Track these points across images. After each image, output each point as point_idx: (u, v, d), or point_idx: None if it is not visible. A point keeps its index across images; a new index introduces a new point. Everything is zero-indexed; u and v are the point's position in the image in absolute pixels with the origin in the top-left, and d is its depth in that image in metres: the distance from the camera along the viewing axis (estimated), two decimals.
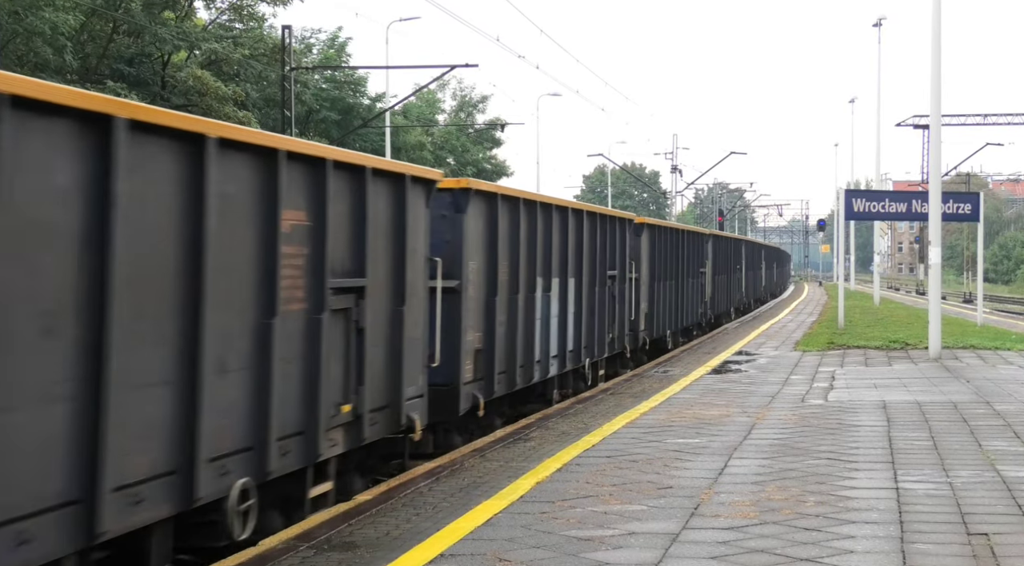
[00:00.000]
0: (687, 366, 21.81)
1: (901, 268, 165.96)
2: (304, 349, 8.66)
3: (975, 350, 24.75)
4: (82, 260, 6.27)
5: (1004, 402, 15.44)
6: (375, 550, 7.66)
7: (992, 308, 53.46)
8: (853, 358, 23.13)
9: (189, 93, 43.05)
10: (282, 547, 7.87)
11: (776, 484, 9.61)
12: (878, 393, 16.65)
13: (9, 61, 36.34)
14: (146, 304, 6.82)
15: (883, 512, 8.54)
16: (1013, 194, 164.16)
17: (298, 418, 8.58)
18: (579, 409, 15.54)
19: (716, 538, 7.77)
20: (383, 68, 52.98)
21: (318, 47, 64.98)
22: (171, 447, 7.07)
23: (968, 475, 10.06)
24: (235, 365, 7.75)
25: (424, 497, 9.47)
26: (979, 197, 31.14)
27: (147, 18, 41.70)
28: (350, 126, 57.92)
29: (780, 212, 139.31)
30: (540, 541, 7.71)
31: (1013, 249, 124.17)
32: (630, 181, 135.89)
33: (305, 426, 8.68)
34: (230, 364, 7.68)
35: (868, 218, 31.21)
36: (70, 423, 6.18)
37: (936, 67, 23.09)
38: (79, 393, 6.23)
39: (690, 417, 13.97)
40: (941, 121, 24.05)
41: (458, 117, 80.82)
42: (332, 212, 8.97)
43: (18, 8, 36.24)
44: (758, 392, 16.80)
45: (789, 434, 12.51)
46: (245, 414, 7.88)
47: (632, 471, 10.27)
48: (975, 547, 7.55)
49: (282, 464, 8.35)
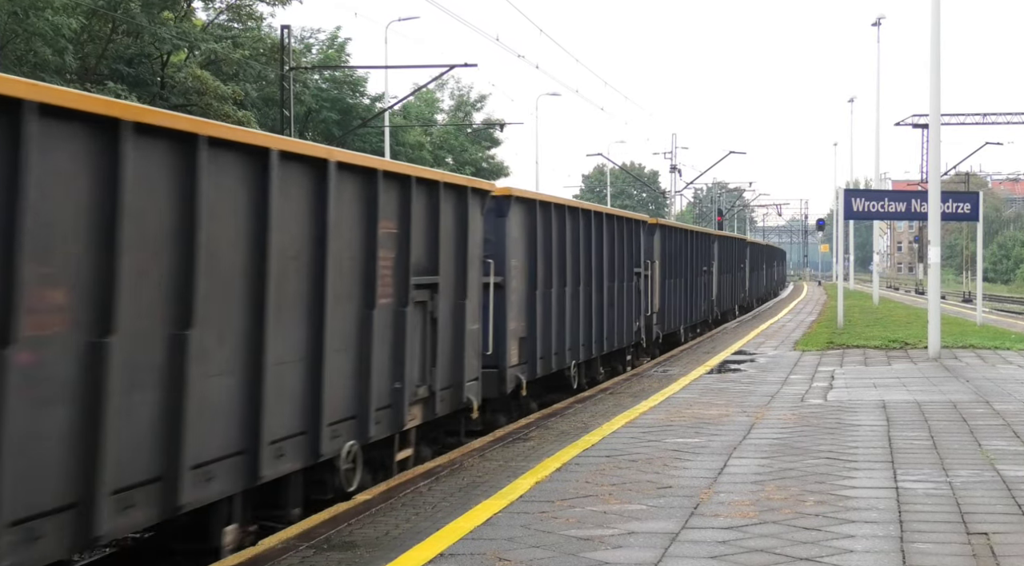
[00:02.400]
0: (686, 365, 21.82)
1: (900, 267, 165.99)
2: (393, 335, 10.35)
3: (974, 350, 24.76)
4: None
5: (1003, 401, 15.44)
6: (374, 550, 7.66)
7: (991, 307, 53.46)
8: (852, 358, 23.13)
9: (188, 93, 43.05)
10: (282, 547, 7.87)
11: (775, 484, 9.61)
12: (877, 393, 16.65)
13: (8, 62, 36.33)
14: (288, 297, 8.50)
15: (883, 511, 8.54)
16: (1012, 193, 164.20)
17: (389, 393, 10.27)
18: (578, 409, 15.54)
19: (716, 538, 7.77)
20: (382, 68, 52.94)
21: (317, 47, 64.97)
22: (303, 412, 8.74)
23: (968, 474, 10.06)
24: (343, 346, 9.34)
25: (424, 497, 9.47)
26: (978, 196, 31.13)
27: (146, 18, 41.69)
28: (349, 126, 57.91)
29: (779, 212, 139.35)
30: (539, 541, 7.71)
31: (1012, 248, 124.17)
32: (629, 181, 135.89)
33: (393, 400, 10.37)
34: (340, 345, 9.25)
35: (867, 218, 31.21)
36: (238, 392, 7.92)
37: (935, 66, 23.09)
38: (243, 368, 7.95)
39: (689, 417, 13.97)
40: (940, 120, 24.06)
41: (456, 117, 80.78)
42: (415, 220, 10.72)
43: (17, 9, 36.20)
44: (757, 392, 16.80)
45: (788, 434, 12.51)
46: (351, 388, 9.55)
47: (631, 471, 10.27)
48: (975, 546, 7.55)
49: (378, 431, 10.04)
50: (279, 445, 8.41)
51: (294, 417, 8.66)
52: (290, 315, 8.54)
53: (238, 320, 7.89)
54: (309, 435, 8.88)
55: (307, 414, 8.84)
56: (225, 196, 7.72)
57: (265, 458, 8.17)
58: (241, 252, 7.93)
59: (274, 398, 8.25)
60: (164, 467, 7.09)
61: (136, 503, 6.83)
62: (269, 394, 8.17)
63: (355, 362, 9.64)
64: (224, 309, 7.74)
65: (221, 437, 7.75)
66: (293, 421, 8.64)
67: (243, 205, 7.94)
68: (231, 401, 7.86)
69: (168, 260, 7.13)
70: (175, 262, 7.18)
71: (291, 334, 8.56)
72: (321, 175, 8.99)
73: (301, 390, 8.77)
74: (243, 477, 8.04)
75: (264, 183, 8.10)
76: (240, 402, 7.95)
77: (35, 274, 5.96)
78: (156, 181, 7.00)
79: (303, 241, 8.78)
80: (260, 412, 8.08)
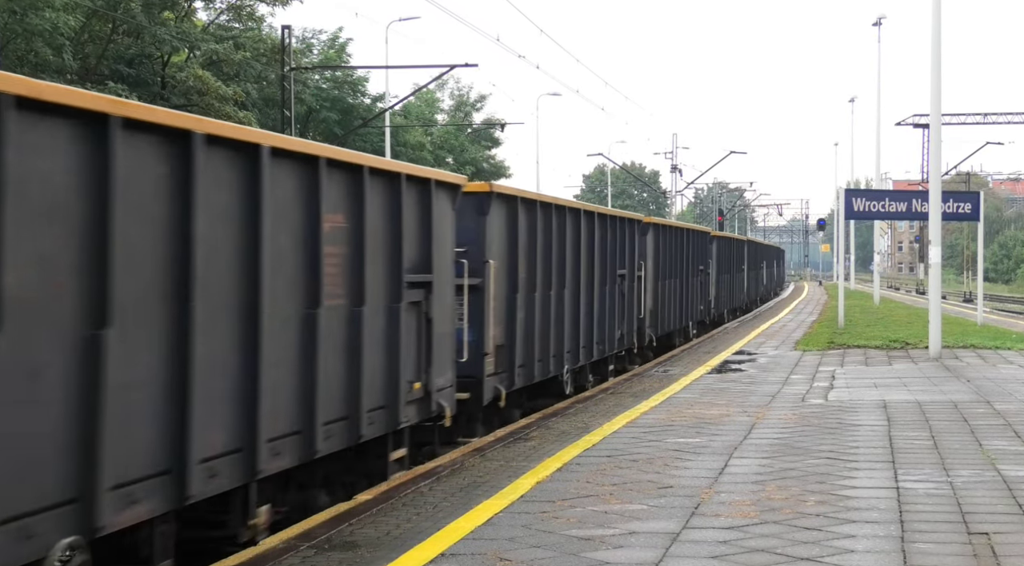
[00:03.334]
0: (687, 365, 21.81)
1: (901, 267, 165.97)
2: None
3: (975, 349, 24.74)
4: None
5: (1004, 401, 15.44)
6: (376, 550, 7.66)
7: (992, 307, 53.45)
8: (853, 357, 23.12)
9: (189, 93, 43.05)
10: (283, 546, 7.87)
11: (776, 484, 9.61)
12: (878, 392, 16.64)
13: (9, 61, 36.33)
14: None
15: (883, 511, 8.54)
16: (1013, 193, 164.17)
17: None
18: (579, 409, 15.54)
19: (716, 538, 7.77)
20: (383, 68, 52.96)
21: (318, 47, 64.96)
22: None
23: (968, 474, 10.06)
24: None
25: (424, 497, 9.47)
26: (979, 196, 31.12)
27: (146, 18, 41.68)
28: (350, 126, 57.90)
29: (780, 211, 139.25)
30: (540, 540, 7.71)
31: (1013, 248, 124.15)
32: (630, 181, 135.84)
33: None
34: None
35: (868, 217, 31.20)
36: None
37: (936, 66, 23.08)
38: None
39: (690, 417, 13.97)
40: (941, 120, 24.05)
41: (457, 117, 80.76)
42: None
43: (16, 8, 36.20)
44: (758, 391, 16.79)
45: (789, 434, 12.51)
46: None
47: (632, 471, 10.27)
48: (976, 546, 7.54)
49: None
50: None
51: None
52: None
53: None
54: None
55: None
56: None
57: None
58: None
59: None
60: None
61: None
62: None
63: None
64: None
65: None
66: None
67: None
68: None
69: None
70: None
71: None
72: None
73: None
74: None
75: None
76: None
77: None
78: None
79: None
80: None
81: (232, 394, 7.71)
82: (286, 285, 8.44)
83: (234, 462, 7.69)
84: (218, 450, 7.51)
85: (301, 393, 8.63)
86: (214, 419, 7.45)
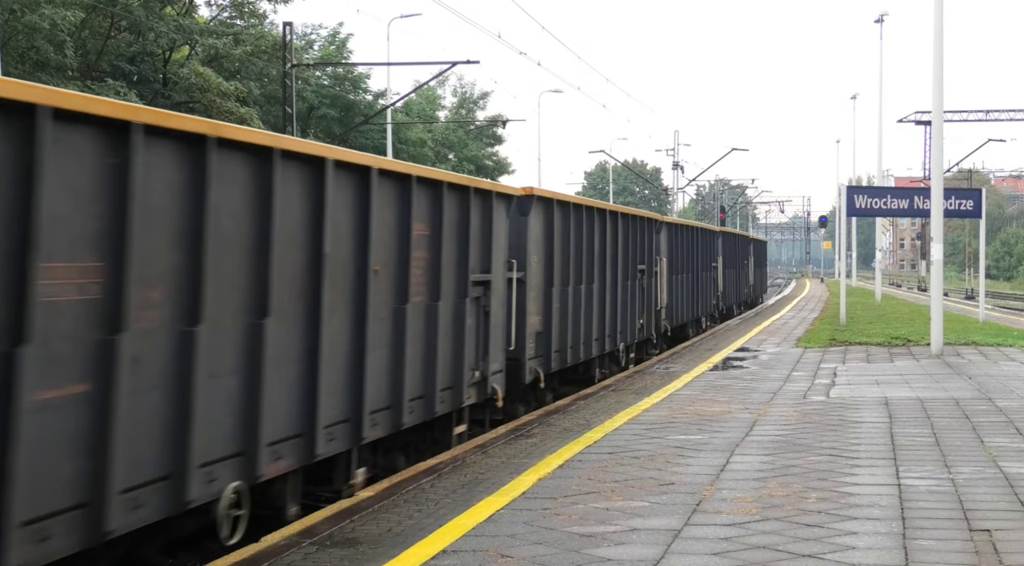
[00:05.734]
0: (689, 362, 21.81)
1: (903, 264, 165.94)
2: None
3: (977, 347, 24.73)
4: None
5: (1006, 398, 15.43)
6: (377, 546, 7.66)
7: (994, 305, 53.41)
8: (855, 355, 23.11)
9: (191, 90, 43.04)
10: (284, 543, 7.88)
11: (778, 480, 9.61)
12: (880, 389, 16.64)
13: (10, 59, 36.32)
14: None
15: (885, 508, 8.54)
16: (1015, 190, 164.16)
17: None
18: (581, 406, 15.54)
19: (718, 534, 7.77)
20: (384, 65, 53.03)
21: (319, 44, 64.95)
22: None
23: (970, 471, 10.06)
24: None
25: (426, 493, 9.47)
26: (981, 193, 31.06)
27: (146, 14, 41.65)
28: (351, 123, 57.90)
29: (782, 208, 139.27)
30: (542, 537, 7.71)
31: (1015, 245, 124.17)
32: (631, 177, 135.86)
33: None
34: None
35: (870, 214, 31.18)
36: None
37: (938, 63, 23.07)
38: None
39: (692, 413, 13.97)
40: (943, 117, 24.01)
41: (458, 113, 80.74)
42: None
43: (15, 7, 36.16)
44: (760, 388, 16.79)
45: (791, 430, 12.51)
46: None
47: (634, 467, 10.27)
48: (977, 543, 7.54)
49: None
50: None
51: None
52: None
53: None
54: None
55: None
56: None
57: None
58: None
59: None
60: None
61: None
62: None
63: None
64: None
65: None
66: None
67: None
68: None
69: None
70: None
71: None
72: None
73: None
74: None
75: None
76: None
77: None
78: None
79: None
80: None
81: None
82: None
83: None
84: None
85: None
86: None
